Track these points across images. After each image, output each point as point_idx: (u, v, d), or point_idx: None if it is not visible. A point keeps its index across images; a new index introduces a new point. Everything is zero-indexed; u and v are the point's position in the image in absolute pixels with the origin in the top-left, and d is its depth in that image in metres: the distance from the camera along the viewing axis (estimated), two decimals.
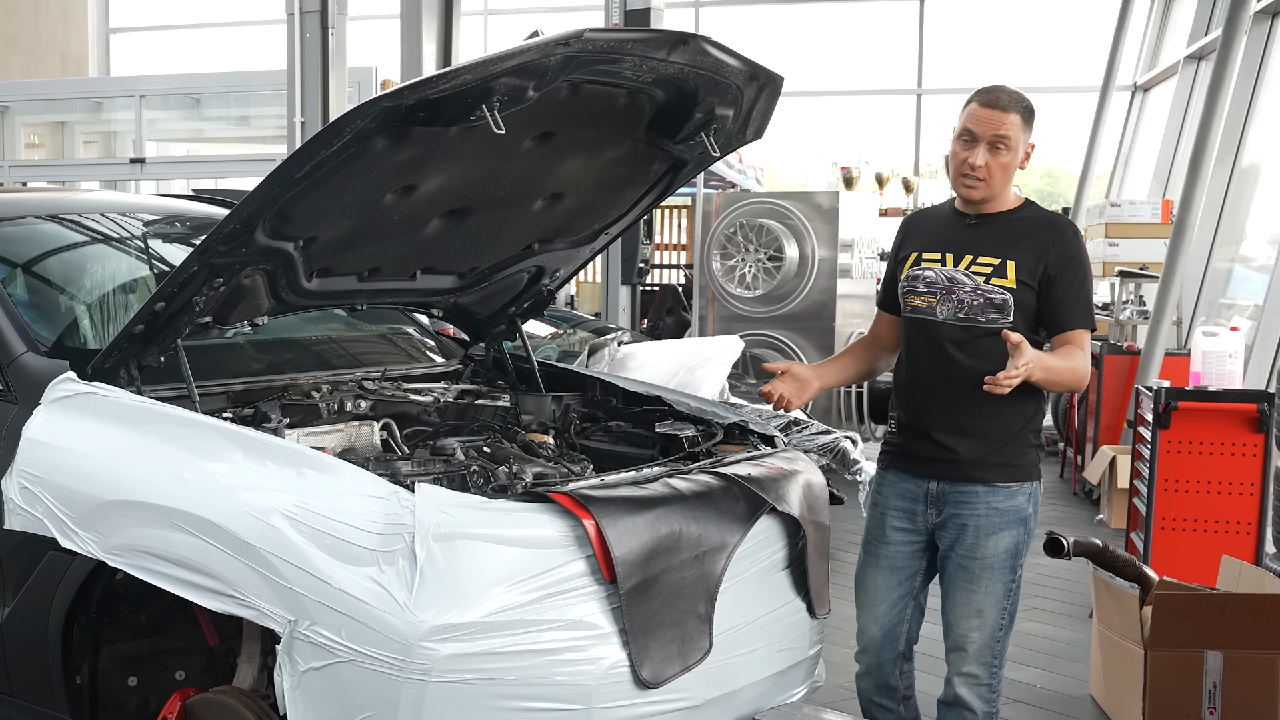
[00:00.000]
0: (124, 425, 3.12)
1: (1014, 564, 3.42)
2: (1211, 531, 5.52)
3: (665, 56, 3.22)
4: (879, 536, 3.57)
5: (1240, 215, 10.74)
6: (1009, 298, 3.34)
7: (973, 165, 3.35)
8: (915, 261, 3.49)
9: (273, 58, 16.84)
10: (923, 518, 3.47)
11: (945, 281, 3.41)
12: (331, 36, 8.28)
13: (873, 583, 3.59)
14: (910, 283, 3.48)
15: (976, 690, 3.44)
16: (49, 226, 4.11)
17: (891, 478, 3.56)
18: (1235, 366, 5.59)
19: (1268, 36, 10.36)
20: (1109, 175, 15.01)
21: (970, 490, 3.40)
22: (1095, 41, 14.97)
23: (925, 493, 3.46)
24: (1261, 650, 4.16)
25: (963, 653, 3.45)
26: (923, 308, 3.44)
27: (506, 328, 4.35)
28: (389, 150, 3.04)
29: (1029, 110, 3.39)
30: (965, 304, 3.37)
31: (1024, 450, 3.42)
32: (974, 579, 3.42)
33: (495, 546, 2.82)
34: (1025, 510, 3.43)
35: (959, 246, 3.42)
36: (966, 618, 3.44)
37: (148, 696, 3.48)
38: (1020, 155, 3.37)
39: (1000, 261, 3.36)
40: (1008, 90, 3.38)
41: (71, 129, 14.81)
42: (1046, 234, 3.38)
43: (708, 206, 9.45)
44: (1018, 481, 3.41)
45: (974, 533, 3.40)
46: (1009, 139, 3.33)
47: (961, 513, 3.41)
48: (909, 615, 3.58)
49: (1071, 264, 3.36)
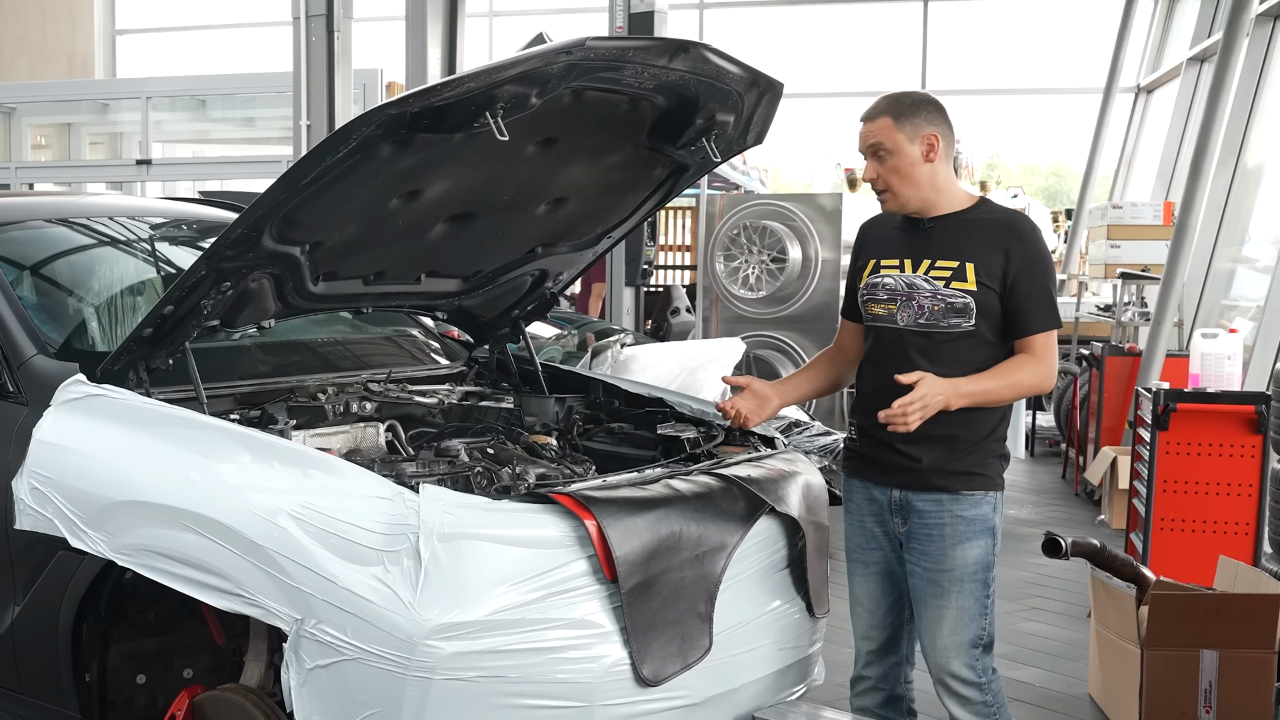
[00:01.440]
0: (133, 427, 3.17)
1: (985, 576, 3.35)
2: (1210, 532, 5.55)
3: (666, 64, 3.26)
4: (863, 544, 3.51)
5: (1243, 217, 10.76)
6: (970, 300, 3.28)
7: (869, 179, 3.35)
8: (874, 269, 3.42)
9: (278, 59, 16.89)
10: (890, 526, 3.43)
11: (905, 288, 3.35)
12: (337, 39, 8.30)
13: (865, 592, 3.53)
14: (869, 290, 3.42)
15: (972, 710, 3.37)
16: (58, 230, 4.15)
17: (857, 485, 3.50)
18: (1234, 368, 5.62)
19: (1269, 39, 10.38)
20: (1112, 176, 15.04)
21: (934, 499, 3.34)
22: (1099, 43, 15.02)
23: (889, 500, 3.41)
24: (1257, 650, 4.18)
25: (947, 675, 3.37)
26: (883, 315, 3.38)
27: (510, 330, 4.39)
28: (394, 156, 3.08)
29: (900, 104, 3.31)
30: (926, 309, 3.32)
31: (987, 459, 3.36)
32: (945, 593, 3.34)
33: (498, 546, 2.86)
34: (991, 520, 3.37)
35: (916, 251, 3.36)
36: (942, 637, 3.36)
37: (156, 694, 3.52)
38: (912, 153, 3.29)
39: (959, 264, 3.29)
40: (880, 98, 3.35)
41: (78, 130, 14.83)
42: (1005, 234, 3.30)
43: (711, 208, 9.49)
44: (981, 490, 3.35)
45: (939, 543, 3.34)
46: (881, 144, 3.30)
47: (927, 522, 3.35)
48: (907, 619, 3.52)
49: (1031, 265, 3.29)
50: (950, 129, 3.38)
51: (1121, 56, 14.29)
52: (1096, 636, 4.77)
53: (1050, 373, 3.34)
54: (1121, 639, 4.46)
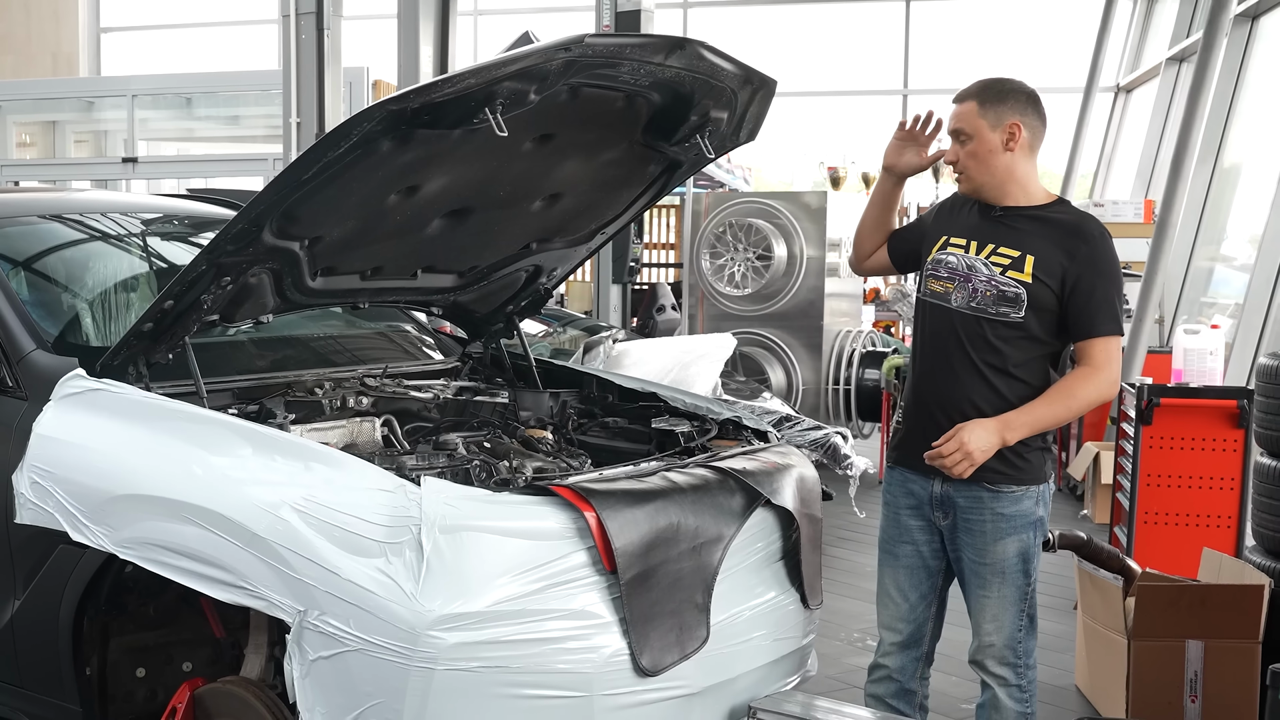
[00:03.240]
0: (134, 421, 3.18)
1: (1026, 568, 3.39)
2: (1193, 525, 5.61)
3: (662, 61, 3.29)
4: (895, 536, 3.54)
5: (1221, 215, 10.86)
6: (1022, 292, 3.28)
7: (949, 161, 3.40)
8: (943, 245, 3.45)
9: (263, 57, 16.89)
10: (931, 519, 3.46)
11: (964, 268, 3.37)
12: (327, 37, 8.31)
13: (894, 583, 3.56)
14: (934, 266, 3.44)
15: (1008, 691, 3.42)
16: (54, 226, 4.16)
17: (897, 477, 3.53)
18: (1216, 364, 5.69)
19: (1247, 39, 10.47)
20: (1092, 175, 15.14)
21: (973, 495, 3.36)
22: (1079, 43, 15.11)
23: (930, 495, 3.44)
24: (1241, 640, 4.24)
25: (987, 656, 3.44)
26: (939, 292, 3.41)
27: (504, 325, 4.42)
28: (393, 152, 3.10)
29: (989, 91, 3.34)
30: (978, 293, 3.33)
31: (1027, 453, 3.34)
32: (987, 584, 3.39)
33: (500, 538, 2.88)
34: (1033, 514, 3.37)
35: (983, 235, 3.39)
36: (985, 621, 3.42)
37: (155, 687, 3.54)
38: (992, 140, 3.32)
39: (1020, 254, 3.30)
40: (975, 81, 3.38)
41: (63, 128, 14.81)
42: (1072, 236, 3.30)
43: (697, 206, 9.53)
44: (1022, 485, 3.35)
45: (981, 538, 3.37)
46: (962, 129, 3.35)
47: (969, 519, 3.38)
48: (933, 615, 3.56)
49: (1095, 268, 3.27)
50: (1041, 122, 3.38)
51: (1101, 56, 14.38)
52: (1083, 628, 4.82)
53: (1111, 381, 3.31)
54: (1109, 630, 4.52)
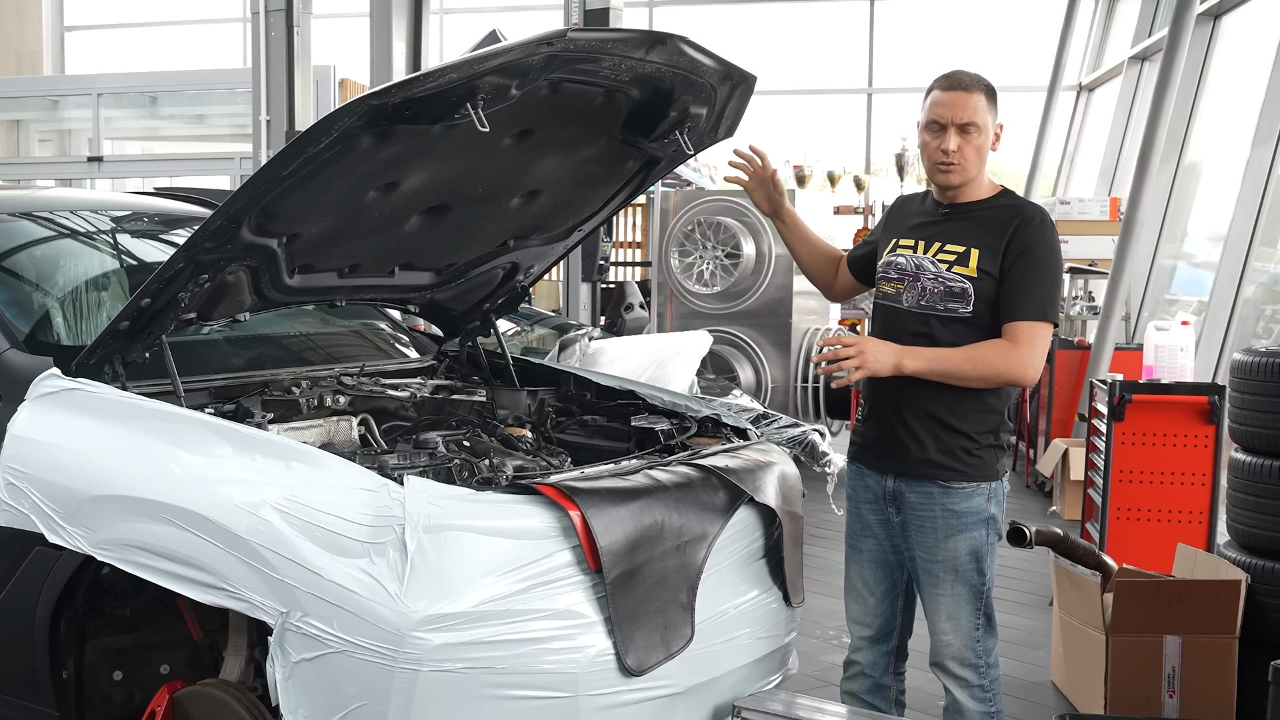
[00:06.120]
0: (110, 420, 3.14)
1: (979, 566, 3.38)
2: (1165, 521, 5.65)
3: (643, 56, 3.28)
4: (859, 531, 3.56)
5: (1184, 214, 10.94)
6: (969, 286, 3.29)
7: (946, 151, 3.31)
8: (893, 248, 3.47)
9: (228, 56, 16.76)
10: (885, 514, 3.47)
11: (913, 269, 3.39)
12: (297, 34, 8.25)
13: (859, 578, 3.57)
14: (884, 269, 3.47)
15: (969, 692, 3.42)
16: (24, 224, 4.08)
17: (855, 471, 3.56)
18: (1186, 360, 5.72)
19: (1209, 38, 10.56)
20: (1055, 173, 15.23)
21: (924, 491, 3.37)
22: (1042, 42, 15.19)
23: (884, 490, 3.45)
24: (1218, 635, 4.27)
25: (946, 657, 3.43)
26: (891, 294, 3.44)
27: (481, 323, 4.39)
28: (373, 148, 3.07)
29: (991, 90, 3.36)
30: (927, 291, 3.35)
31: (979, 449, 3.36)
32: (939, 582, 3.39)
33: (484, 538, 2.86)
34: (985, 511, 3.37)
35: (930, 234, 3.40)
36: (940, 620, 3.41)
37: (133, 691, 3.49)
38: (991, 136, 3.35)
39: (964, 249, 3.32)
40: (968, 72, 3.35)
41: (27, 127, 14.64)
42: (1010, 222, 3.31)
43: (665, 204, 9.51)
44: (973, 482, 3.35)
45: (932, 535, 3.38)
46: (974, 121, 3.31)
47: (920, 515, 3.39)
48: (901, 608, 3.56)
49: (1029, 253, 3.27)
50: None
51: (1065, 55, 14.47)
52: (1060, 624, 4.84)
53: (1027, 364, 3.29)
54: (1086, 626, 4.53)
